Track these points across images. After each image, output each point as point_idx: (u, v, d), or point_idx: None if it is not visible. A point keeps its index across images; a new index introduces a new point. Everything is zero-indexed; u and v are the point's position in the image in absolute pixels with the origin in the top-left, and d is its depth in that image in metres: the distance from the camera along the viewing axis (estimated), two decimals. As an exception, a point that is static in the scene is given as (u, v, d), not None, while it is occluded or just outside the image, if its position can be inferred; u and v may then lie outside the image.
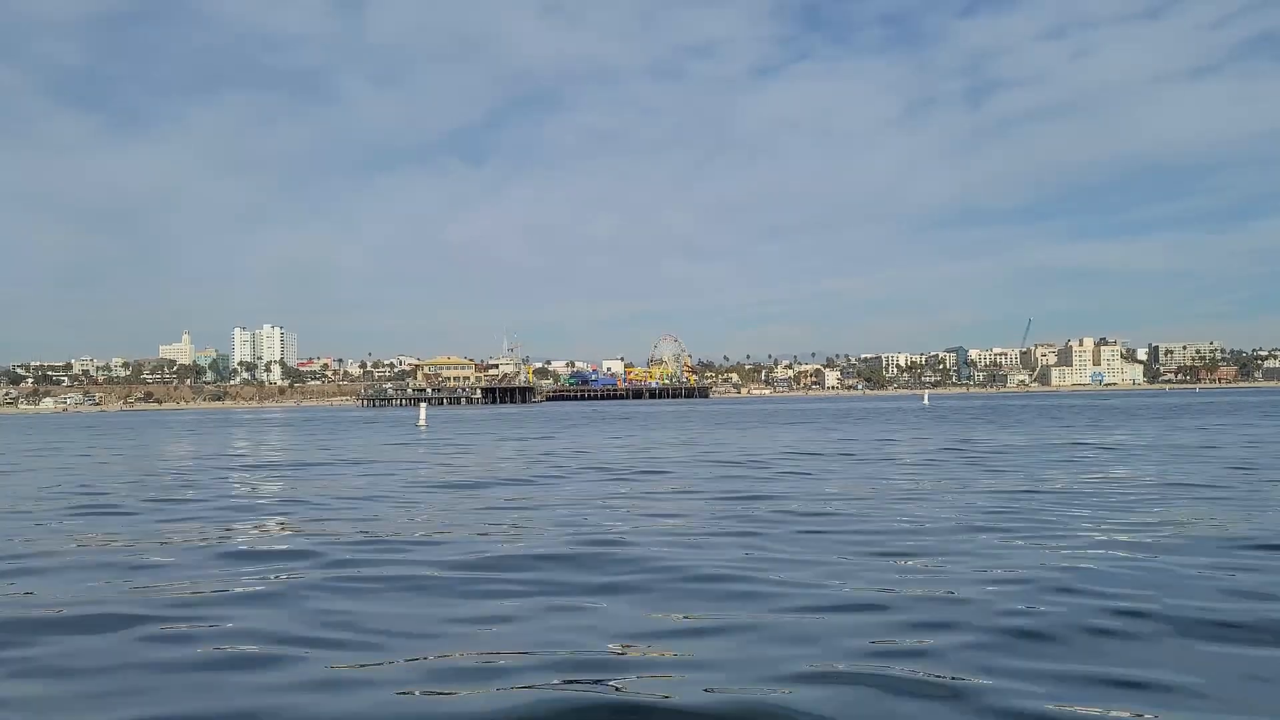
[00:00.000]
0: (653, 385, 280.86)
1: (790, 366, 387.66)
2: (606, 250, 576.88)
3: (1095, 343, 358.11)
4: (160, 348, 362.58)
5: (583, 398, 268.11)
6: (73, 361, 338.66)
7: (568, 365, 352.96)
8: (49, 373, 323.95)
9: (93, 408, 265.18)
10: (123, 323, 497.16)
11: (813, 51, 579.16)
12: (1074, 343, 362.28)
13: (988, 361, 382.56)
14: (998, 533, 12.66)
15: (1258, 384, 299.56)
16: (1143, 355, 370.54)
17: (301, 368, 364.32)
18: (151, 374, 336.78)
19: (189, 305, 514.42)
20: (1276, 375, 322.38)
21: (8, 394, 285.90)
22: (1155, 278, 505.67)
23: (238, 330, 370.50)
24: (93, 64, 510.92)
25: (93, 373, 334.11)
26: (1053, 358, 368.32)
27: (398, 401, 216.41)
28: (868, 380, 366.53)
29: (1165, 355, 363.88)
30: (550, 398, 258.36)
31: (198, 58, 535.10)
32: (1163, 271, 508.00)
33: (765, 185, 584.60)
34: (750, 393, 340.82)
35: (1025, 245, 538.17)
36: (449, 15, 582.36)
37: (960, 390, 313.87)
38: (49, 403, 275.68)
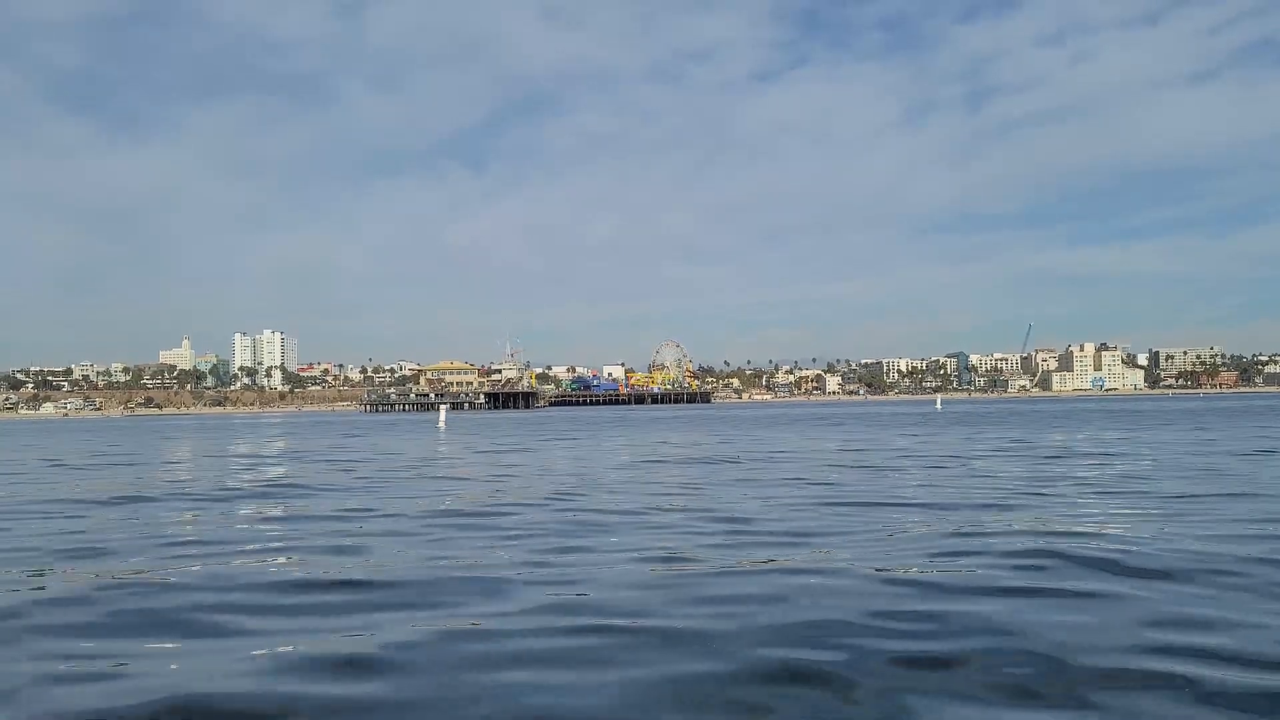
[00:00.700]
0: (655, 391, 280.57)
1: (791, 372, 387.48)
2: (606, 253, 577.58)
3: (1096, 348, 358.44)
4: (160, 353, 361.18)
5: (585, 403, 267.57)
6: (73, 366, 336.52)
7: (568, 370, 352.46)
8: (49, 377, 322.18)
9: (94, 413, 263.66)
10: (123, 326, 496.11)
11: (812, 55, 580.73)
12: (1074, 348, 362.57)
13: (988, 367, 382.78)
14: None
15: (1260, 389, 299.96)
16: (1143, 360, 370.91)
17: (302, 373, 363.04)
18: (152, 379, 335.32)
19: (189, 308, 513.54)
20: (1278, 380, 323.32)
21: (7, 399, 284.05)
22: (1154, 282, 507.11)
23: (238, 335, 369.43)
24: (92, 66, 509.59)
25: (93, 378, 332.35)
26: (1053, 363, 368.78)
27: (400, 407, 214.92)
28: (869, 385, 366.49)
29: (1166, 360, 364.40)
30: (553, 403, 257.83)
31: (197, 60, 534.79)
32: (1162, 276, 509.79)
33: (765, 188, 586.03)
34: (752, 398, 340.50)
35: (1025, 250, 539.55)
36: (449, 18, 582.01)
37: (963, 395, 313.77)
38: (49, 408, 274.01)
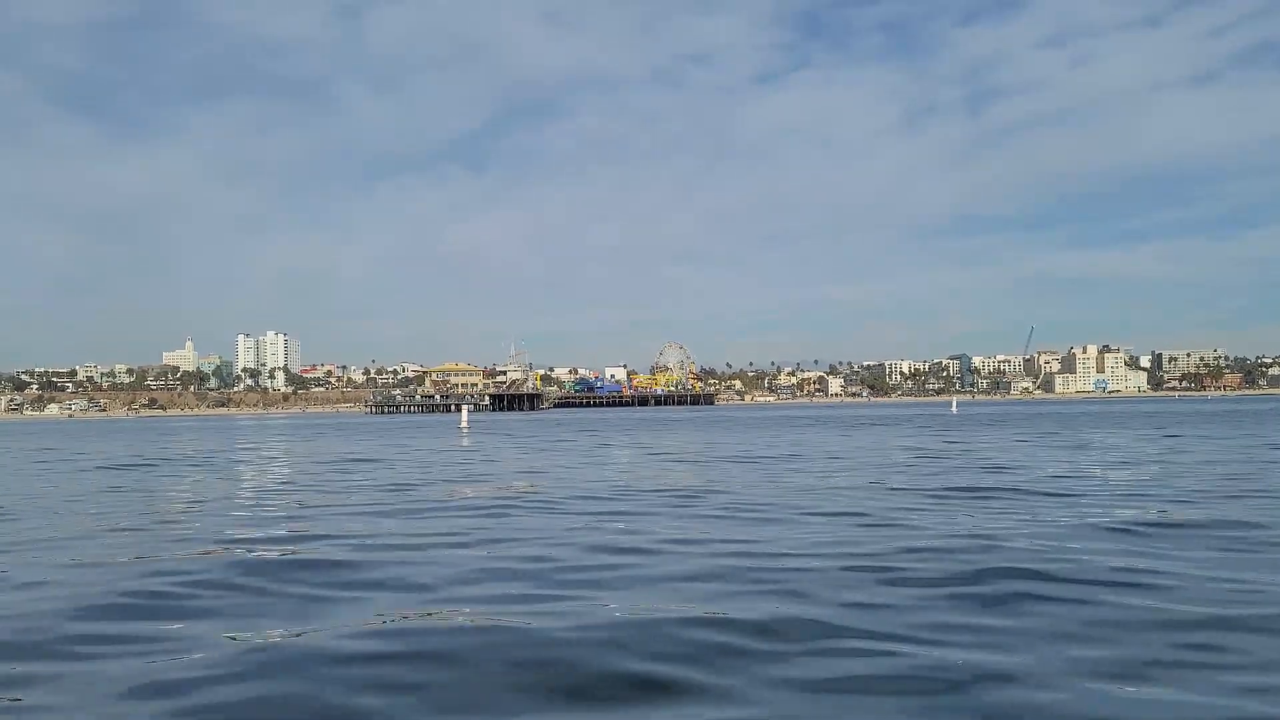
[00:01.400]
0: (658, 392, 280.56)
1: (794, 374, 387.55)
2: (607, 257, 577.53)
3: (1099, 350, 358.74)
4: (163, 354, 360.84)
5: (589, 404, 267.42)
6: (77, 368, 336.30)
7: (570, 372, 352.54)
8: (53, 379, 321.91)
9: (99, 414, 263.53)
10: (125, 329, 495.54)
11: (813, 58, 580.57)
12: (1077, 350, 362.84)
13: (991, 369, 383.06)
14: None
15: (1265, 392, 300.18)
16: (1145, 363, 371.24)
17: (305, 374, 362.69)
18: (155, 380, 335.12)
19: (191, 312, 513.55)
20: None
21: (12, 400, 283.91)
22: (1155, 286, 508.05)
23: (241, 337, 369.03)
24: (94, 70, 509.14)
25: (97, 379, 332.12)
26: (1056, 365, 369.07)
27: (406, 409, 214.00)
28: (871, 388, 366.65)
29: (1169, 363, 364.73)
30: (557, 404, 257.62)
31: (199, 64, 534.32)
32: (1162, 279, 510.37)
33: (766, 192, 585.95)
34: (755, 400, 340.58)
35: (1025, 253, 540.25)
36: (449, 22, 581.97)
37: (967, 397, 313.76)
38: (54, 409, 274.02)
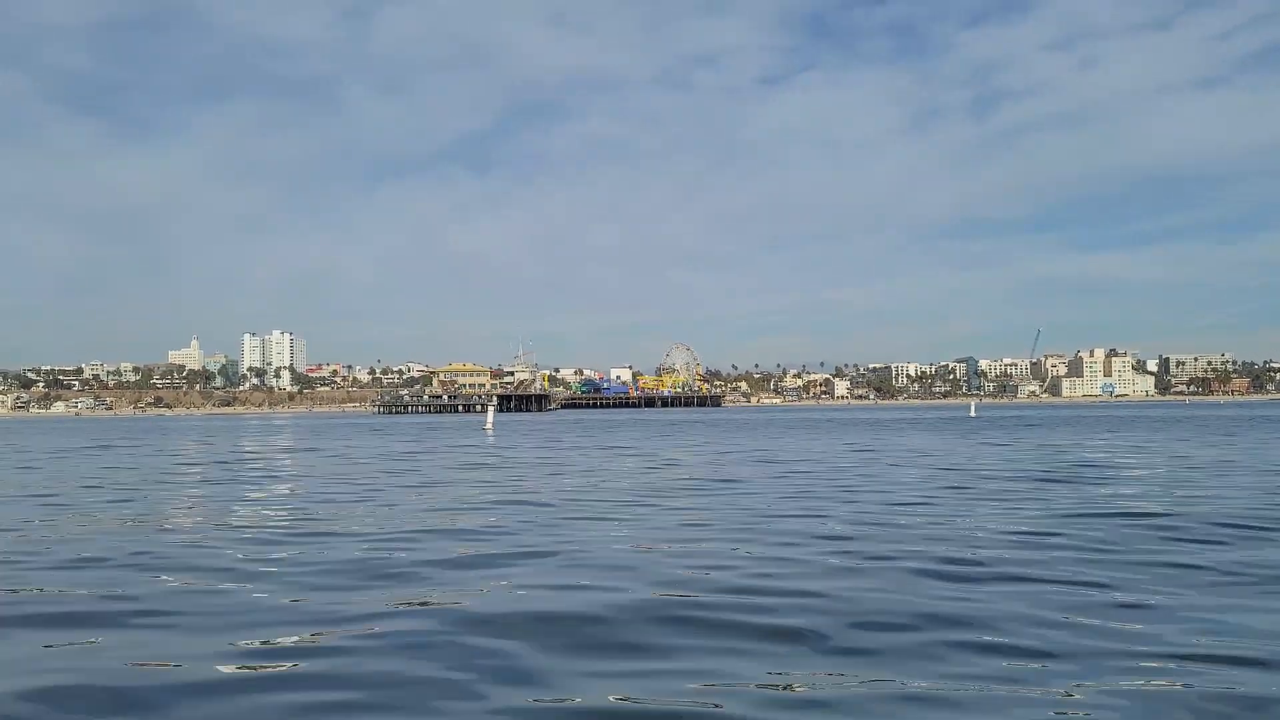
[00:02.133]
0: (665, 394, 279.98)
1: (799, 376, 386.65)
2: (611, 259, 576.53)
3: (1106, 354, 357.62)
4: (169, 353, 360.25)
5: (595, 405, 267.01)
6: (83, 366, 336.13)
7: (576, 373, 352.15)
8: (59, 377, 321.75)
9: (105, 412, 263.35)
10: (131, 327, 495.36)
11: (819, 61, 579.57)
12: (1084, 353, 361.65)
13: (998, 372, 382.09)
14: None
15: (1273, 396, 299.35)
16: (1152, 366, 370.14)
17: (310, 374, 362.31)
18: (161, 379, 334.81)
19: (196, 311, 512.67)
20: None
21: (19, 398, 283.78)
22: (1161, 289, 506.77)
23: (247, 336, 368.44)
24: (99, 70, 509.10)
25: (103, 377, 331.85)
26: (1063, 368, 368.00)
27: (414, 409, 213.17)
28: (878, 390, 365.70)
29: (1176, 367, 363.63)
30: (564, 405, 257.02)
31: (204, 65, 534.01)
32: (1169, 283, 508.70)
33: (771, 194, 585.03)
34: (761, 402, 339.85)
35: (1032, 255, 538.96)
36: (455, 24, 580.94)
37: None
38: (60, 407, 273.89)
